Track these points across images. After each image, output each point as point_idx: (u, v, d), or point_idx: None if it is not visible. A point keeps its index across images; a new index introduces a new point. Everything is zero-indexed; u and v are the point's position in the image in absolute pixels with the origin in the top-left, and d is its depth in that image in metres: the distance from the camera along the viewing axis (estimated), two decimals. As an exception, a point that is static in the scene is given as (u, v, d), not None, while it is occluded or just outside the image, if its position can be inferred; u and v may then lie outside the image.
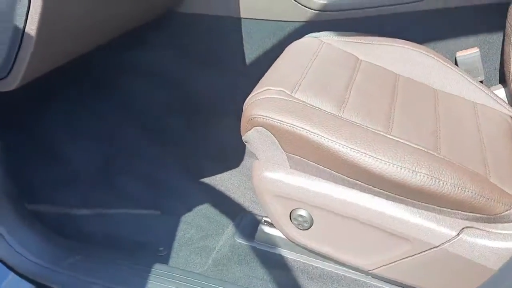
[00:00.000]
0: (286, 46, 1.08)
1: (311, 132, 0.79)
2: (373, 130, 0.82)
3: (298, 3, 1.22)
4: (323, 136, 0.78)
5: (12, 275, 0.90)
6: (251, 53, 1.33)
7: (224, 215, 1.11)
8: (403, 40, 1.09)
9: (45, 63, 0.87)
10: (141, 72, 1.40)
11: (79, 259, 0.96)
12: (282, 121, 0.81)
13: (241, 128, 0.87)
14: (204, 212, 1.13)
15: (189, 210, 1.13)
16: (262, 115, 0.82)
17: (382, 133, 0.81)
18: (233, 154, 1.30)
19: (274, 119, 0.81)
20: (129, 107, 1.39)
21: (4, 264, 0.90)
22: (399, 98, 0.96)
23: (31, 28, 0.74)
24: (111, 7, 0.98)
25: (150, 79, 1.40)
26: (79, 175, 1.22)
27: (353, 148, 0.76)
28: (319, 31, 1.13)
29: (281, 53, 1.04)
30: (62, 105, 1.34)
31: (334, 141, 0.77)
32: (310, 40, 1.09)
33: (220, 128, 1.36)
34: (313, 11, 1.23)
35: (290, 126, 0.80)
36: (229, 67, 1.37)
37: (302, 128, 0.79)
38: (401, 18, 1.19)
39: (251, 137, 0.86)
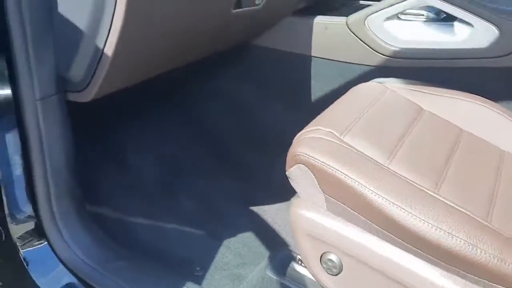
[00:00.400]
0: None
1: (350, 177, 0.78)
2: (417, 186, 0.79)
3: (369, 47, 1.23)
4: (360, 183, 0.77)
5: (61, 267, 0.99)
6: (318, 91, 1.35)
7: (264, 246, 1.12)
8: (474, 95, 1.04)
9: (120, 80, 0.97)
10: (216, 98, 1.49)
11: (122, 264, 1.03)
12: (324, 163, 0.81)
13: (286, 163, 0.89)
14: (246, 240, 1.15)
15: (233, 235, 1.16)
16: (305, 154, 0.83)
17: (426, 190, 0.78)
18: (286, 187, 1.31)
19: (316, 159, 0.82)
20: (199, 129, 1.47)
21: (57, 256, 0.99)
22: (458, 155, 0.91)
23: (109, 49, 0.84)
24: (189, 36, 1.06)
25: (223, 106, 1.48)
26: (142, 186, 1.31)
27: (388, 200, 0.74)
28: (387, 77, 1.12)
29: None
30: (138, 119, 1.46)
31: (371, 190, 0.76)
32: (374, 85, 1.08)
33: (279, 161, 1.39)
34: (383, 56, 1.22)
35: (330, 169, 0.80)
36: (296, 103, 1.40)
37: (342, 172, 0.79)
38: (475, 72, 1.14)
39: (294, 173, 0.87)
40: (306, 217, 0.86)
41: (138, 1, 0.79)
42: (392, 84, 1.09)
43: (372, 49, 1.23)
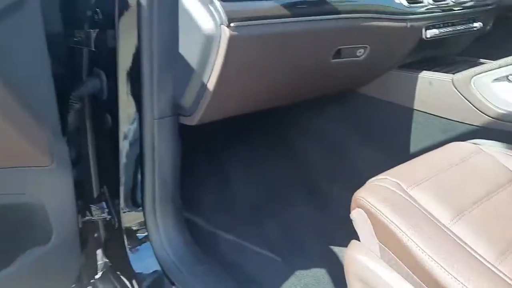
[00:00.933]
0: None
1: (402, 231, 0.79)
2: (476, 254, 0.75)
3: (474, 106, 1.19)
4: (411, 239, 0.77)
5: (153, 258, 1.17)
6: (416, 143, 1.34)
7: (332, 284, 1.16)
8: None
9: (219, 111, 1.14)
10: (314, 136, 1.58)
11: (202, 269, 1.17)
12: (380, 212, 0.84)
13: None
14: (317, 275, 1.20)
15: (306, 267, 1.22)
16: (365, 199, 0.87)
17: (484, 261, 0.74)
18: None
19: (373, 206, 0.85)
20: (294, 161, 1.58)
21: (152, 249, 1.18)
22: (543, 232, 0.84)
23: (211, 86, 1.01)
24: (286, 81, 1.19)
25: (320, 143, 1.57)
26: (234, 204, 1.46)
27: (438, 263, 0.73)
28: (489, 139, 1.08)
29: None
30: (244, 144, 1.62)
31: (421, 248, 0.76)
32: (467, 145, 1.05)
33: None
34: (488, 117, 1.17)
35: (384, 218, 0.83)
36: (390, 151, 1.41)
37: (395, 224, 0.81)
38: None
39: (354, 216, 0.92)
40: (359, 261, 0.89)
41: (236, 51, 0.95)
42: (490, 147, 1.04)
43: (477, 109, 1.19)
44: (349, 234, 1.31)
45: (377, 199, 0.86)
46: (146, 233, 1.19)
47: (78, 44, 1.10)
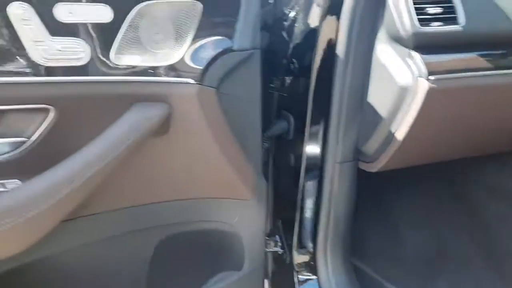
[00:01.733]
0: None
1: None
2: None
3: None
4: None
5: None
6: None
7: None
8: None
9: (403, 160, 1.12)
10: (494, 195, 1.44)
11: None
12: None
13: None
14: None
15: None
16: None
17: None
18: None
19: None
20: (471, 220, 1.45)
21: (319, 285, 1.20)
22: None
23: (400, 135, 1.01)
24: (480, 134, 1.12)
25: (506, 205, 1.42)
26: (407, 258, 1.39)
27: None
28: None
29: None
30: (415, 196, 1.55)
31: None
32: None
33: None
34: None
35: None
36: None
37: None
38: None
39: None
40: None
41: (432, 103, 0.94)
42: None
43: None
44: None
45: None
46: (315, 272, 1.22)
47: (273, 89, 1.21)
